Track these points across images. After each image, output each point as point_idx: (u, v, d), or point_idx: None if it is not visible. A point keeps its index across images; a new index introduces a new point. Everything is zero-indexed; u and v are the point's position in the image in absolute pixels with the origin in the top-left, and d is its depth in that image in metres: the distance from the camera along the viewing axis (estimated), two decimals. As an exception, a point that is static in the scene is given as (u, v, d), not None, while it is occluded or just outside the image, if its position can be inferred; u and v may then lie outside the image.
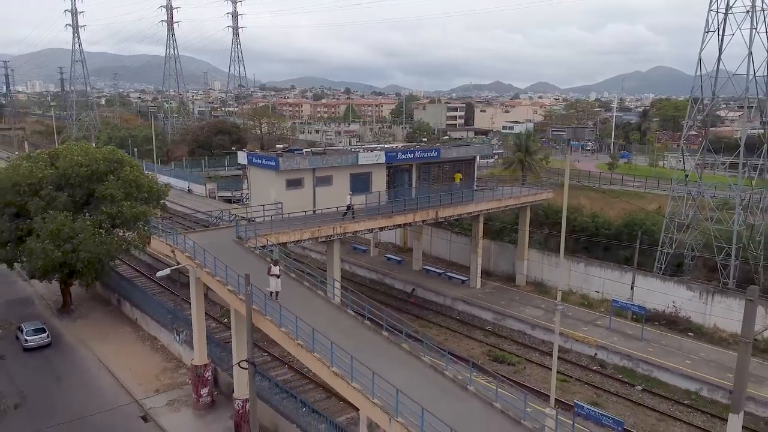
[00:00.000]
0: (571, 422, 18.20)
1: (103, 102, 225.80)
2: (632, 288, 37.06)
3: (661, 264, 38.97)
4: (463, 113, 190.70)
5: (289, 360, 33.36)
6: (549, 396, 23.87)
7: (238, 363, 21.24)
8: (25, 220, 35.85)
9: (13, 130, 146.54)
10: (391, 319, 21.03)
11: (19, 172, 36.31)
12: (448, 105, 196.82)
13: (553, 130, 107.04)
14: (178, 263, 26.46)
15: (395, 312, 32.70)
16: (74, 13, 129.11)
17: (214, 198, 75.90)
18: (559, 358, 32.22)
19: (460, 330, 37.55)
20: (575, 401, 25.15)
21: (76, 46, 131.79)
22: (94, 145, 53.34)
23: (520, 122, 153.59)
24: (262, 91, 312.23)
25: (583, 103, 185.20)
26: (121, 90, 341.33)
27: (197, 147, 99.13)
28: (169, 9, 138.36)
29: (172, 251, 26.23)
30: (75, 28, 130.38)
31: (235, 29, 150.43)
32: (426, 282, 43.50)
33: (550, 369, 27.78)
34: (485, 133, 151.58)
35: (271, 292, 21.97)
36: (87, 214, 36.83)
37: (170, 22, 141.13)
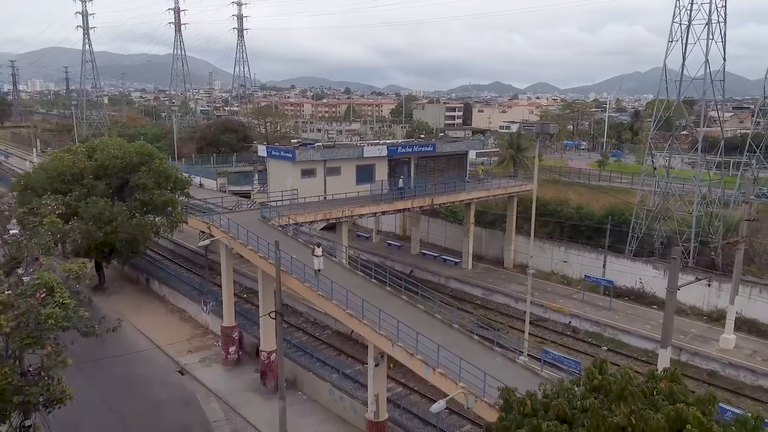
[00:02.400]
0: (540, 364, 22.95)
1: (106, 101, 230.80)
2: (604, 266, 41.93)
3: (632, 247, 43.85)
4: (461, 113, 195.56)
5: (304, 327, 38.35)
6: (526, 353, 28.61)
7: (268, 313, 25.97)
8: (69, 205, 40.57)
9: (29, 128, 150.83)
10: (392, 281, 25.86)
11: (64, 163, 41.12)
12: (447, 105, 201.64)
13: (525, 126, 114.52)
14: (211, 236, 31.23)
15: (393, 289, 37.60)
16: (85, 15, 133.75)
17: (225, 192, 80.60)
18: (537, 324, 37.33)
19: (452, 304, 42.31)
20: (544, 348, 29.97)
21: (87, 46, 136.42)
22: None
23: (516, 122, 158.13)
24: (262, 90, 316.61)
25: (579, 103, 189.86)
26: (121, 89, 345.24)
27: (206, 145, 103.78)
28: (177, 12, 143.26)
29: (208, 227, 31.03)
30: (86, 29, 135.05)
31: (240, 31, 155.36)
32: (423, 264, 48.36)
33: (531, 335, 32.80)
34: (482, 132, 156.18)
35: (316, 270, 25.51)
36: (122, 200, 41.66)
37: (177, 25, 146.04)
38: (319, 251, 25.87)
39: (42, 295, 17.06)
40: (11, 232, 19.11)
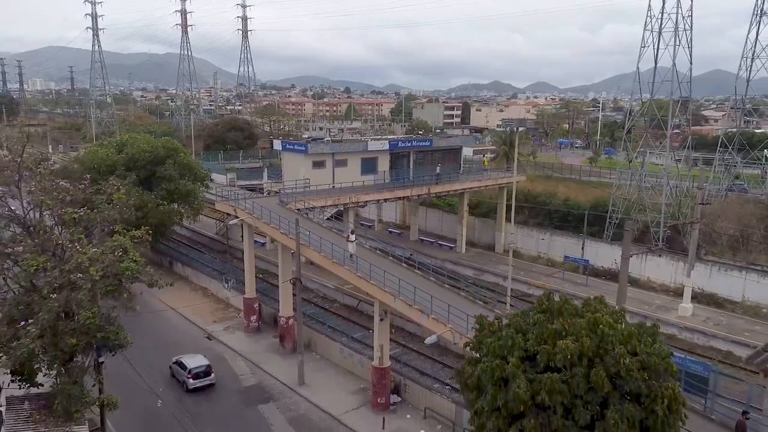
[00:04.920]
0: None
1: (108, 100, 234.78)
2: (582, 248, 46.69)
3: (609, 232, 48.56)
4: (459, 112, 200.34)
5: (315, 301, 43.04)
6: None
7: (289, 280, 30.66)
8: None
9: (40, 126, 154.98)
10: (394, 253, 30.50)
11: (98, 156, 45.81)
12: (446, 105, 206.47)
13: (506, 123, 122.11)
14: (235, 217, 35.90)
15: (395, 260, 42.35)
16: (94, 17, 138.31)
17: (234, 186, 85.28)
18: (521, 299, 41.95)
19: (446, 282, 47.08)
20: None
21: (96, 47, 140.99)
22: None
23: (511, 120, 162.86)
24: (263, 90, 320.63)
25: (575, 102, 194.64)
26: (122, 88, 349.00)
27: (213, 142, 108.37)
28: (184, 14, 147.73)
29: (234, 210, 35.70)
30: (95, 31, 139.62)
31: (245, 32, 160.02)
32: (421, 249, 52.93)
33: (516, 307, 37.41)
34: (480, 131, 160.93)
35: (350, 254, 29.02)
36: (150, 190, 46.27)
37: (184, 26, 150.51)
38: (352, 237, 29.31)
39: (119, 253, 21.70)
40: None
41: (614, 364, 15.04)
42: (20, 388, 23.19)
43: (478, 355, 17.79)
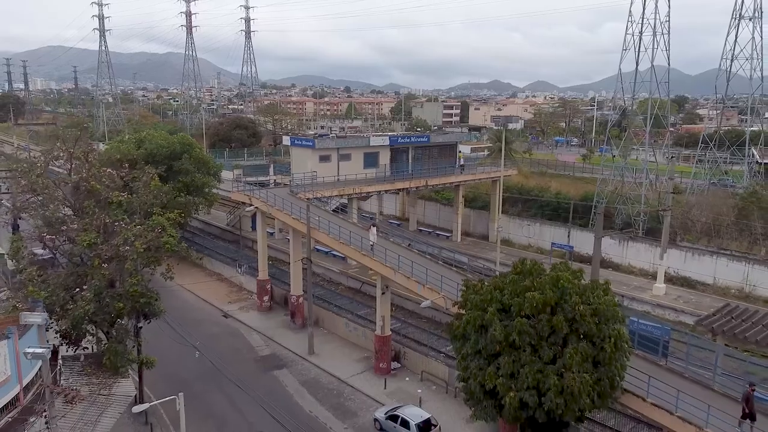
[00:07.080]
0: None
1: (110, 99, 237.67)
2: (569, 236, 50.33)
3: (594, 221, 52.13)
4: (458, 111, 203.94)
5: (322, 284, 46.68)
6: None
7: (300, 260, 34.24)
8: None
9: (48, 125, 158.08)
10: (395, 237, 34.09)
11: (120, 151, 49.39)
12: (445, 104, 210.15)
13: (493, 119, 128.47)
14: (251, 205, 39.49)
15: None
16: (101, 18, 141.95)
17: (241, 182, 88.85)
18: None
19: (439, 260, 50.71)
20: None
21: (103, 47, 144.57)
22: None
23: (507, 119, 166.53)
24: (263, 89, 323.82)
25: (573, 101, 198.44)
26: (122, 88, 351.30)
27: (218, 140, 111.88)
28: (188, 15, 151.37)
29: (249, 198, 39.31)
30: (102, 32, 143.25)
31: (247, 33, 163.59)
32: (419, 238, 56.54)
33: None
34: (478, 129, 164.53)
35: (371, 244, 31.84)
36: (167, 182, 49.82)
37: (189, 27, 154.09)
38: (373, 228, 32.39)
39: (159, 230, 25.35)
40: None
41: (571, 311, 18.73)
42: (67, 351, 26.79)
43: (464, 312, 21.45)
